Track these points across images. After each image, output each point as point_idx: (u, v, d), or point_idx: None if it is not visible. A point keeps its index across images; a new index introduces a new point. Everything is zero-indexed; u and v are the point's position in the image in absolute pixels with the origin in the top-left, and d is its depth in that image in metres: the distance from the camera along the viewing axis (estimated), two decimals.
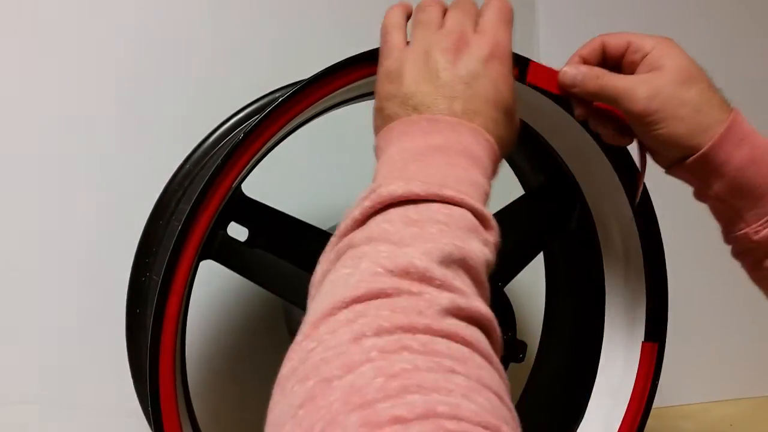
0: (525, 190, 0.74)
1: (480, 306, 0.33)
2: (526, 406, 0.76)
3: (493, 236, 0.39)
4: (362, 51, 0.51)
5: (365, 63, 0.51)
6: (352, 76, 0.51)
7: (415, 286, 0.32)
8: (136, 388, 0.63)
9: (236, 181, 0.51)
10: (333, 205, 0.81)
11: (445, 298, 0.32)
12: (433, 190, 0.37)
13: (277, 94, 0.64)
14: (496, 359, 0.31)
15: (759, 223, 0.52)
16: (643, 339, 0.67)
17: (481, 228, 0.38)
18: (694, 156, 0.51)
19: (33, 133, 0.72)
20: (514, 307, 0.64)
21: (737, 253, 0.56)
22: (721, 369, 1.04)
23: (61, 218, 0.72)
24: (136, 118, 0.75)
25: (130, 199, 0.72)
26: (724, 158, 0.51)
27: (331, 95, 0.51)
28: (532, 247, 0.69)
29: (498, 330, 0.33)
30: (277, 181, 0.77)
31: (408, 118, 0.42)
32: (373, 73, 0.51)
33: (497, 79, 0.44)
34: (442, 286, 0.32)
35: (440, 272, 0.33)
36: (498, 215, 0.65)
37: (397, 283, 0.31)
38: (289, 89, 0.51)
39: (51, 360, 0.72)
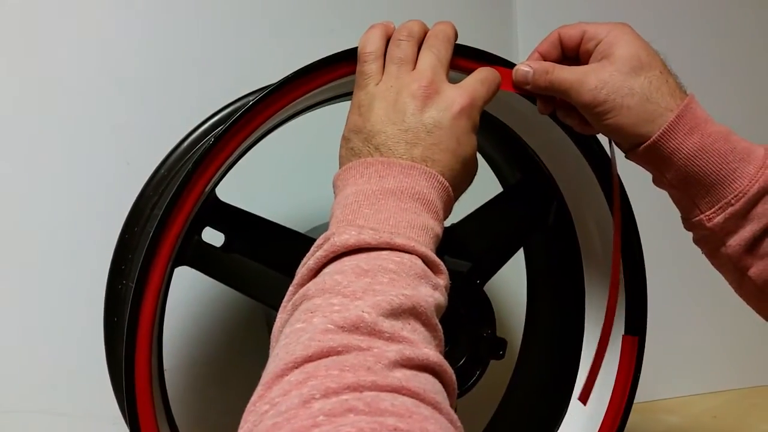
0: (503, 187, 0.74)
1: (429, 353, 0.34)
2: (509, 402, 0.76)
3: (443, 279, 0.41)
4: (333, 53, 0.51)
5: (336, 65, 0.51)
6: (324, 78, 0.51)
7: (365, 341, 0.33)
8: (116, 396, 0.62)
9: (209, 185, 0.50)
10: (309, 208, 0.81)
11: (392, 351, 0.33)
12: (384, 238, 0.39)
13: (250, 98, 0.63)
14: (445, 406, 0.32)
15: (712, 210, 0.52)
16: (623, 332, 0.67)
17: (430, 273, 0.40)
18: (644, 144, 0.52)
19: (4, 137, 0.71)
20: (496, 305, 0.64)
21: (696, 240, 0.57)
22: (703, 362, 1.05)
23: (39, 223, 0.72)
24: (111, 120, 0.74)
25: (109, 204, 0.71)
26: (675, 147, 0.51)
27: (302, 98, 0.51)
28: (511, 243, 0.69)
29: (450, 372, 0.35)
30: (252, 185, 0.77)
31: (365, 159, 0.44)
32: (346, 74, 0.52)
33: (461, 134, 0.46)
34: (391, 338, 0.34)
35: (388, 324, 0.34)
36: (477, 212, 0.66)
37: (346, 339, 0.33)
38: (260, 92, 0.50)
39: (35, 368, 0.72)
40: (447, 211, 0.45)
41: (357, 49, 0.50)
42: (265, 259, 0.57)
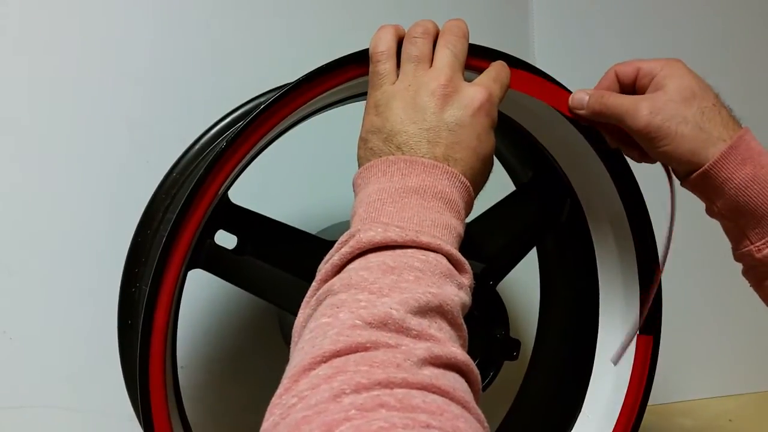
0: (515, 186, 0.74)
1: (456, 351, 0.34)
2: (523, 402, 0.76)
3: (467, 279, 0.41)
4: (347, 54, 0.51)
5: (349, 66, 0.51)
6: (337, 79, 0.51)
7: (393, 338, 0.33)
8: (130, 397, 0.62)
9: (221, 189, 0.50)
10: (321, 209, 0.81)
11: (421, 348, 0.33)
12: (410, 236, 0.38)
13: (262, 99, 0.63)
14: (473, 405, 0.32)
15: (762, 241, 0.53)
16: (638, 332, 0.66)
17: (455, 272, 0.40)
18: (696, 173, 0.53)
19: (15, 139, 0.71)
20: (509, 305, 0.63)
21: (745, 272, 0.57)
22: (719, 365, 1.04)
23: (56, 224, 0.72)
24: (124, 121, 0.74)
25: (123, 206, 0.71)
26: (726, 176, 0.52)
27: (314, 99, 0.51)
28: (524, 242, 0.69)
29: (476, 371, 0.35)
30: (264, 187, 0.77)
31: (386, 158, 0.44)
32: (359, 75, 0.51)
33: (481, 132, 0.45)
34: (419, 336, 0.34)
35: (416, 322, 0.34)
36: (489, 212, 0.66)
37: (375, 335, 0.33)
38: (272, 94, 0.50)
39: (52, 365, 0.72)
40: (468, 210, 0.45)
41: (367, 50, 0.49)
42: (277, 261, 0.57)
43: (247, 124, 0.48)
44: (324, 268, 0.39)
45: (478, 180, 0.46)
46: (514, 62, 0.55)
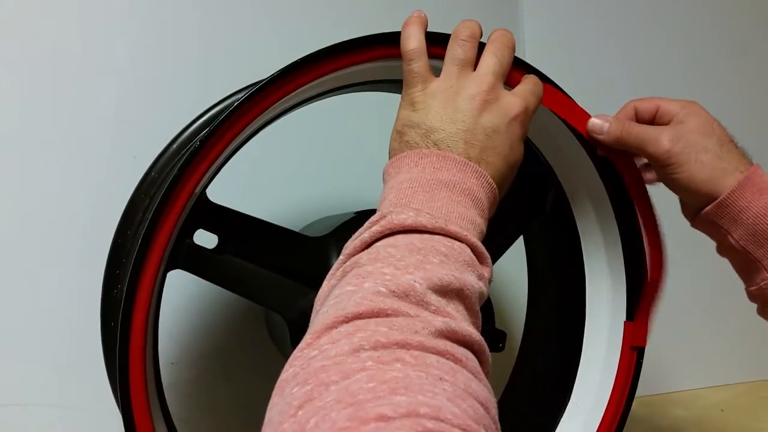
0: None
1: (471, 330, 0.36)
2: (514, 390, 0.76)
3: (487, 272, 0.42)
4: (317, 50, 0.50)
5: (324, 60, 0.50)
6: (311, 74, 0.50)
7: (413, 309, 0.34)
8: (115, 397, 0.62)
9: (198, 188, 0.50)
10: (302, 206, 0.80)
11: (439, 321, 0.34)
12: (439, 224, 0.40)
13: (236, 97, 0.62)
14: (484, 378, 0.34)
15: None
16: (625, 318, 0.66)
17: (477, 263, 0.41)
18: (716, 201, 0.54)
19: (8, 136, 0.71)
20: (497, 298, 0.63)
21: (761, 310, 0.57)
22: (712, 355, 1.04)
23: (42, 220, 0.72)
24: (110, 116, 0.74)
25: (110, 203, 0.71)
26: (744, 205, 0.53)
27: (289, 96, 0.50)
28: (510, 231, 0.68)
29: (488, 353, 0.36)
30: (245, 185, 0.77)
31: (420, 150, 0.45)
32: (334, 69, 0.51)
33: (514, 140, 0.48)
34: (438, 311, 0.35)
35: (436, 299, 0.36)
36: None
37: (396, 304, 0.34)
38: (246, 90, 0.49)
39: (36, 363, 0.72)
40: (491, 211, 0.46)
41: (337, 45, 0.50)
42: (260, 260, 0.57)
43: (221, 123, 0.47)
44: (352, 244, 0.40)
45: (503, 185, 0.48)
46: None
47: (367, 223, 0.41)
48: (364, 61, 0.52)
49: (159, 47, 0.76)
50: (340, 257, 0.40)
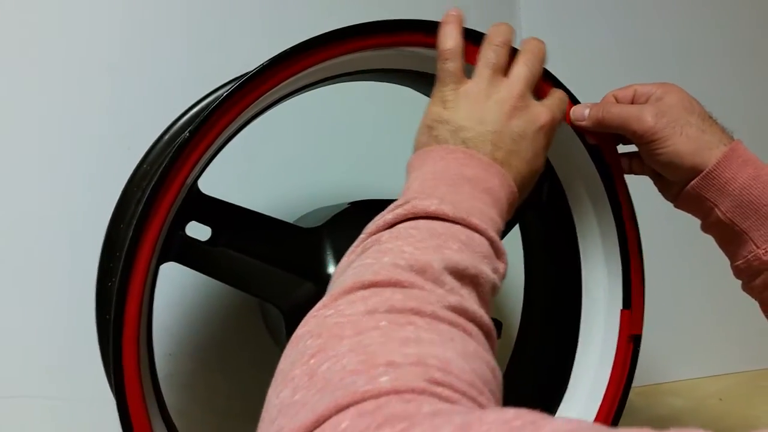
0: None
1: (482, 312, 0.37)
2: (511, 380, 0.75)
3: (503, 267, 0.43)
4: (308, 38, 0.50)
5: (315, 49, 0.50)
6: (300, 64, 0.50)
7: (428, 285, 0.35)
8: (111, 389, 0.62)
9: (189, 179, 0.49)
10: (295, 197, 0.80)
11: (452, 298, 0.35)
12: (461, 215, 0.41)
13: (226, 88, 0.62)
14: (491, 354, 0.35)
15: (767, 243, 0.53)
16: (621, 307, 0.66)
17: (494, 256, 0.42)
18: (702, 173, 0.54)
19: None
20: None
21: (746, 285, 0.57)
22: (709, 345, 1.04)
23: (36, 212, 0.72)
24: (100, 111, 0.74)
25: (105, 194, 0.71)
26: (730, 176, 0.53)
27: (280, 85, 0.50)
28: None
29: (495, 338, 0.37)
30: (238, 177, 0.76)
31: (447, 146, 0.47)
32: (324, 59, 0.50)
33: (538, 148, 0.49)
34: (452, 291, 0.36)
35: (451, 280, 0.37)
36: None
37: (413, 277, 0.35)
38: (236, 81, 0.49)
39: (32, 355, 0.72)
40: (509, 214, 0.47)
41: (326, 35, 0.50)
42: (253, 251, 0.56)
43: (210, 113, 0.47)
44: (374, 224, 0.41)
45: (524, 190, 0.49)
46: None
47: (390, 206, 0.42)
48: (357, 49, 0.52)
49: (151, 38, 0.76)
50: (361, 235, 0.41)
